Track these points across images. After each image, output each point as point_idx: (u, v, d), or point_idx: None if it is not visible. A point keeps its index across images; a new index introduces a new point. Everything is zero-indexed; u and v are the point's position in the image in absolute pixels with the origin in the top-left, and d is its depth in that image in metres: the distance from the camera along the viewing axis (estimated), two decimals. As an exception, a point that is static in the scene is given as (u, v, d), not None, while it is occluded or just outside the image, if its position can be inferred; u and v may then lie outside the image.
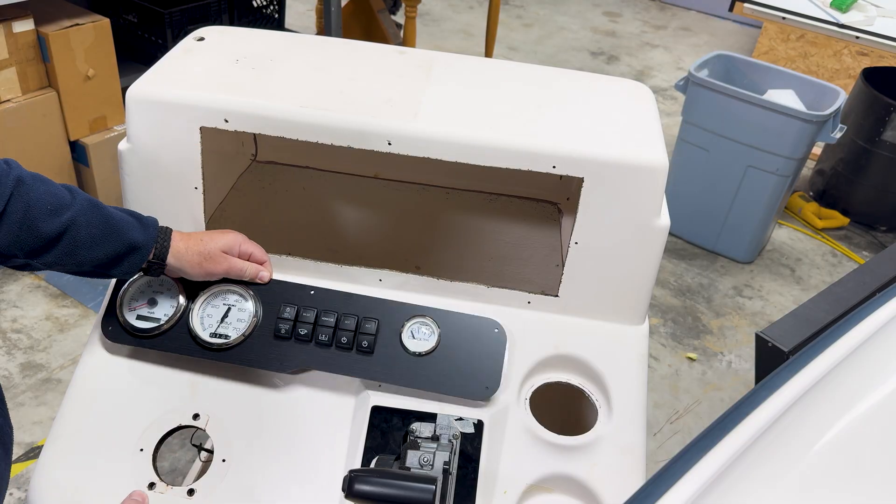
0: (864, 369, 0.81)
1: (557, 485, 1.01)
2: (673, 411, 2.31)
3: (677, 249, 3.02)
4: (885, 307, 0.91)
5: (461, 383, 1.02)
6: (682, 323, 2.67)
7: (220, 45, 1.16)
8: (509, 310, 1.10)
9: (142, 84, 1.04)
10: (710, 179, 2.85)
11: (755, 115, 2.61)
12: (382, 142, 1.01)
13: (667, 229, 1.05)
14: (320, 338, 1.03)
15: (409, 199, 1.41)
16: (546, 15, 5.38)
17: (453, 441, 0.96)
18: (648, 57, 4.83)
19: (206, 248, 0.99)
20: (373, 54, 1.20)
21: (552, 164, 1.01)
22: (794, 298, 2.84)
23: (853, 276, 1.36)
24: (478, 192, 1.41)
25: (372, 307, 1.06)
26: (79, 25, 2.36)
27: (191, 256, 0.98)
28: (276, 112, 1.01)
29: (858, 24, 2.90)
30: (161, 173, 1.06)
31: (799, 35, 3.94)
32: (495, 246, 1.38)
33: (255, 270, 1.04)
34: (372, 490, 0.84)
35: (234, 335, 1.02)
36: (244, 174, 1.40)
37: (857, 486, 0.67)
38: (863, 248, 3.16)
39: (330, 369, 1.02)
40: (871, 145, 3.05)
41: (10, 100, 2.31)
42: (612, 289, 1.09)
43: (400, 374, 1.02)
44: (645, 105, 1.15)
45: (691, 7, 5.69)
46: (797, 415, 0.74)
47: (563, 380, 1.08)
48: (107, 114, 2.57)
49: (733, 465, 0.69)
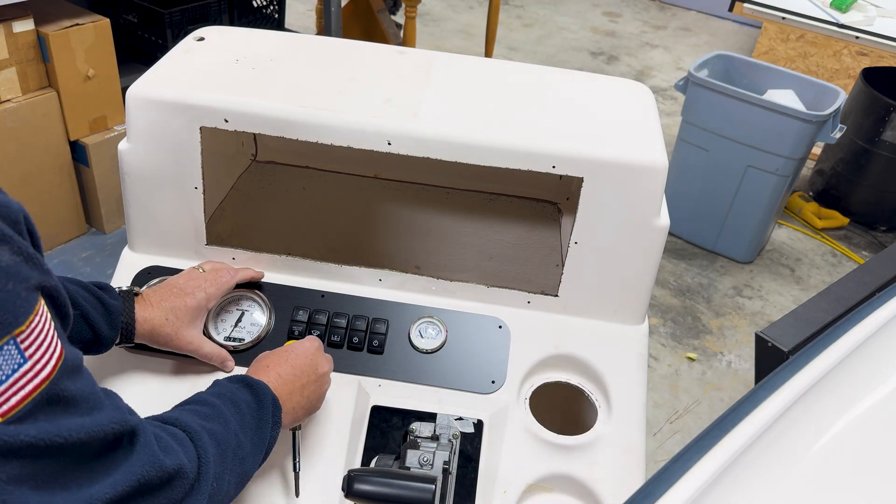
0: (864, 369, 0.81)
1: (557, 484, 1.01)
2: (673, 411, 2.31)
3: (677, 249, 3.02)
4: (885, 307, 0.91)
5: (468, 378, 1.04)
6: (682, 323, 2.67)
7: (220, 45, 1.16)
8: (509, 309, 1.10)
9: (142, 84, 1.04)
10: (710, 179, 2.85)
11: (755, 115, 2.61)
12: (382, 142, 1.01)
13: (666, 229, 1.05)
14: (333, 339, 1.05)
15: (409, 199, 1.41)
16: (546, 15, 5.38)
17: (453, 441, 0.97)
18: (648, 57, 4.83)
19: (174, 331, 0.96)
20: (373, 54, 1.20)
21: (552, 164, 1.01)
22: (793, 298, 2.84)
23: (853, 276, 1.36)
24: (478, 192, 1.41)
25: (381, 309, 1.09)
26: (79, 25, 2.36)
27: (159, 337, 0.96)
28: (276, 112, 1.01)
29: (858, 24, 2.90)
30: (161, 173, 1.06)
31: (799, 35, 3.94)
32: (495, 246, 1.38)
33: (221, 359, 1.02)
34: (372, 490, 0.84)
35: (248, 339, 1.04)
36: (244, 174, 1.40)
37: (857, 486, 0.67)
38: (863, 248, 3.16)
39: (342, 369, 1.04)
40: (871, 145, 3.05)
41: (10, 100, 2.31)
42: (611, 289, 1.09)
43: (409, 371, 1.05)
44: (645, 105, 1.15)
45: (691, 7, 5.68)
46: (797, 415, 0.74)
47: (562, 379, 1.08)
48: (107, 114, 2.57)
49: (733, 465, 0.69)
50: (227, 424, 0.78)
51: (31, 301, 0.56)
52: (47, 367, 0.56)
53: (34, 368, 0.55)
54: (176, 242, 1.11)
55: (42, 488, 0.56)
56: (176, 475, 0.67)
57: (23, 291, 0.55)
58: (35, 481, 0.55)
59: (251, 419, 0.82)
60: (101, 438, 0.60)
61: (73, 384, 0.59)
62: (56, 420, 0.57)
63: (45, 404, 0.56)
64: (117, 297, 0.93)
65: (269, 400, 0.85)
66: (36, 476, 0.55)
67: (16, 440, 0.53)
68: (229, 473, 0.76)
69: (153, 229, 1.11)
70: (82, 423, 0.58)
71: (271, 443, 0.85)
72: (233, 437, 0.78)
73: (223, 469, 0.75)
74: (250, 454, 0.81)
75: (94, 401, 0.60)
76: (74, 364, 0.60)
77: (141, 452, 0.64)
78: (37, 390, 0.55)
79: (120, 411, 0.63)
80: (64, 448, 0.57)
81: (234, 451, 0.78)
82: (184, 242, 1.11)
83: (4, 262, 0.54)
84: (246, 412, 0.82)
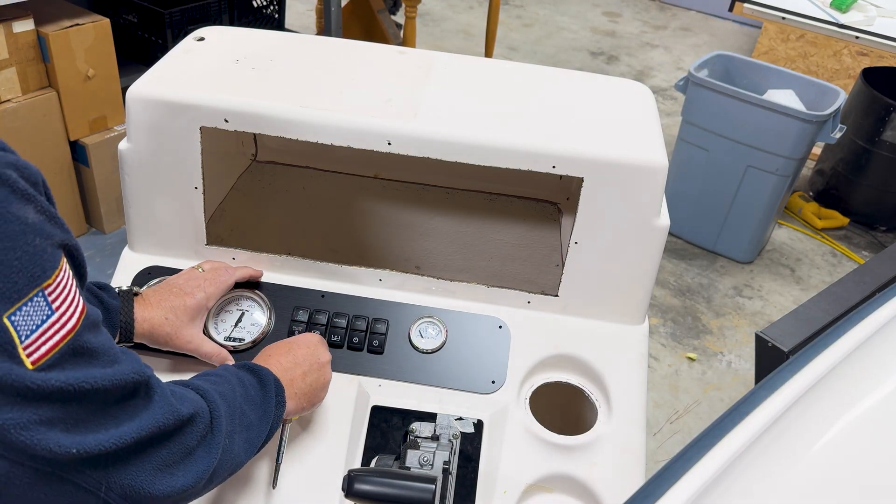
0: (864, 369, 0.81)
1: (557, 484, 1.01)
2: (673, 411, 2.31)
3: (677, 249, 3.02)
4: (885, 307, 0.91)
5: (468, 378, 1.04)
6: (682, 323, 2.67)
7: (220, 45, 1.16)
8: (509, 309, 1.10)
9: (142, 84, 1.04)
10: (710, 179, 2.85)
11: (755, 115, 2.61)
12: (382, 142, 1.01)
13: (666, 229, 1.05)
14: (333, 339, 1.05)
15: (409, 199, 1.41)
16: (546, 15, 5.38)
17: (453, 441, 0.97)
18: (648, 57, 4.83)
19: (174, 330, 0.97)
20: (373, 54, 1.20)
21: (552, 164, 1.01)
22: (793, 298, 2.84)
23: (853, 276, 1.36)
24: (478, 192, 1.41)
25: (381, 309, 1.09)
26: (79, 25, 2.36)
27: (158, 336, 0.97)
28: (276, 112, 1.01)
29: (858, 24, 2.90)
30: (161, 173, 1.06)
31: (799, 35, 3.94)
32: (495, 246, 1.38)
33: (221, 358, 1.02)
34: (372, 490, 0.84)
35: (248, 338, 1.05)
36: (244, 174, 1.40)
37: (857, 486, 0.67)
38: (863, 248, 3.16)
39: (342, 369, 1.04)
40: (871, 145, 3.05)
41: (10, 100, 2.31)
42: (611, 289, 1.09)
43: (410, 371, 1.05)
44: (645, 105, 1.15)
45: (691, 7, 5.68)
46: (797, 415, 0.74)
47: (562, 380, 1.08)
48: (107, 114, 2.57)
49: (733, 465, 0.69)
50: (233, 391, 0.82)
51: (55, 257, 0.59)
52: (72, 320, 0.60)
53: (61, 320, 0.59)
54: (176, 242, 1.11)
55: (71, 431, 0.60)
56: (189, 421, 0.71)
57: (48, 247, 0.59)
58: (65, 424, 0.59)
59: (255, 395, 0.85)
60: (122, 387, 0.64)
61: (95, 338, 0.63)
62: (82, 369, 0.61)
63: (72, 355, 0.60)
64: (116, 296, 0.93)
65: (271, 381, 0.87)
66: (65, 419, 0.59)
67: (47, 385, 0.57)
68: (238, 435, 0.79)
69: (153, 229, 1.11)
70: (105, 373, 0.62)
71: (276, 422, 0.87)
72: (238, 404, 0.81)
73: (233, 428, 0.78)
74: (256, 425, 0.83)
75: (113, 354, 0.65)
76: (95, 320, 0.64)
77: (158, 401, 0.68)
78: (63, 340, 0.59)
79: (138, 363, 0.67)
80: (89, 394, 0.61)
81: (241, 418, 0.80)
82: (184, 242, 1.11)
83: (31, 220, 0.58)
84: (249, 388, 0.85)
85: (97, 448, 0.61)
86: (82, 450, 0.60)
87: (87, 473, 0.62)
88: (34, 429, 0.57)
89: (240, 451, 0.80)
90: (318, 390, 0.94)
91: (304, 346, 0.95)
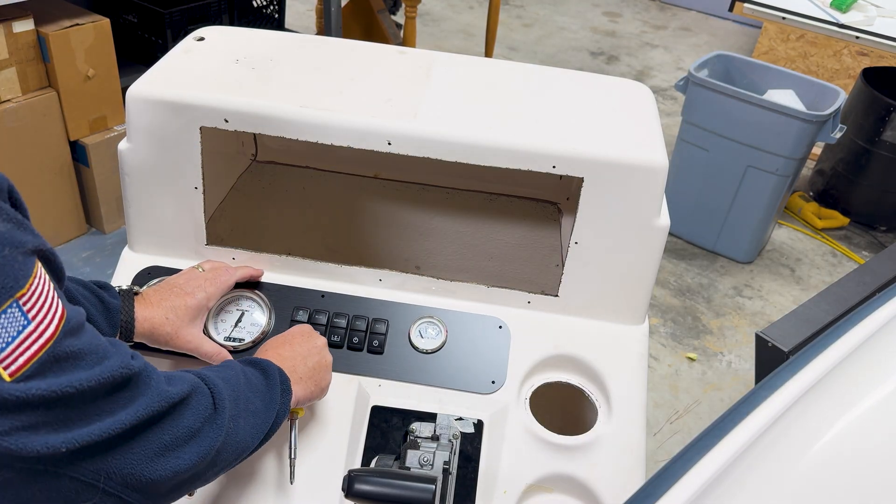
0: (864, 369, 0.80)
1: (557, 484, 1.01)
2: (673, 411, 2.31)
3: (677, 249, 3.02)
4: (885, 307, 0.91)
5: (468, 378, 1.04)
6: (682, 323, 2.67)
7: (220, 45, 1.16)
8: (509, 310, 1.10)
9: (142, 84, 1.04)
10: (709, 179, 2.85)
11: (755, 115, 2.61)
12: (382, 142, 1.01)
13: (667, 229, 1.05)
14: (333, 339, 1.05)
15: (409, 199, 1.41)
16: (546, 15, 5.38)
17: (453, 441, 0.97)
18: (648, 57, 4.83)
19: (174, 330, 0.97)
20: (373, 54, 1.20)
21: (552, 164, 1.01)
22: (793, 298, 2.84)
23: (853, 276, 1.36)
24: (478, 192, 1.41)
25: (381, 309, 1.09)
26: (79, 25, 2.36)
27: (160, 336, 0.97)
28: (276, 112, 1.01)
29: (858, 24, 2.90)
30: (161, 173, 1.06)
31: (799, 35, 3.93)
32: (495, 246, 1.38)
33: (221, 358, 1.01)
34: (372, 490, 0.84)
35: (248, 338, 1.05)
36: (244, 174, 1.40)
37: (857, 487, 0.67)
38: (863, 248, 3.16)
39: (342, 369, 1.04)
40: (871, 145, 3.05)
41: (10, 100, 2.31)
42: (611, 289, 1.09)
43: (409, 371, 1.05)
44: (645, 105, 1.15)
45: (691, 7, 5.68)
46: (797, 415, 0.74)
47: (563, 380, 1.08)
48: (107, 114, 2.57)
49: (733, 465, 0.69)
50: (236, 377, 0.81)
51: (28, 265, 0.58)
52: (51, 328, 0.59)
53: (38, 329, 0.58)
54: (176, 242, 1.11)
55: (60, 430, 0.59)
56: (183, 402, 0.71)
57: (20, 256, 0.57)
58: (52, 426, 0.58)
59: (259, 383, 0.85)
60: (110, 383, 0.63)
61: (78, 340, 0.61)
62: (66, 374, 0.60)
63: (53, 361, 0.59)
64: (117, 295, 0.93)
65: (274, 370, 0.88)
66: (52, 422, 0.59)
67: (27, 395, 0.56)
68: (244, 420, 0.79)
69: (153, 229, 1.11)
70: (91, 373, 0.61)
71: (283, 409, 0.86)
72: (242, 390, 0.81)
73: (237, 412, 0.77)
74: (262, 412, 0.83)
75: (101, 351, 0.63)
76: (77, 322, 0.62)
77: (150, 387, 0.68)
78: (43, 349, 0.58)
79: (126, 356, 0.66)
80: (75, 396, 0.60)
81: (246, 403, 0.80)
82: (184, 242, 1.11)
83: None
84: (252, 378, 0.85)
85: (87, 440, 0.60)
86: (73, 445, 0.59)
87: (83, 466, 0.61)
88: (17, 434, 0.56)
89: (245, 435, 0.79)
90: (322, 371, 0.95)
91: (298, 335, 0.97)
